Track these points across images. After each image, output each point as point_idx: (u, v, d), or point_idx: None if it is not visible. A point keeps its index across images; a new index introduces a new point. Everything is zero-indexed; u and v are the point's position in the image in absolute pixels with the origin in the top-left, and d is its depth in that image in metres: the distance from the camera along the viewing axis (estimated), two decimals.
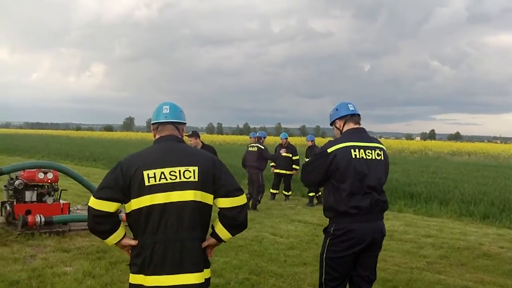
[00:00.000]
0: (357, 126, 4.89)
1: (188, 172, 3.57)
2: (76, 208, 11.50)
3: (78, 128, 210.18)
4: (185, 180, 3.54)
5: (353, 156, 4.57)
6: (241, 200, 3.68)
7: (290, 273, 7.51)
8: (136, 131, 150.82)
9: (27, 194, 9.88)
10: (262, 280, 7.17)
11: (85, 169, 25.49)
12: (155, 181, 3.51)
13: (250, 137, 15.97)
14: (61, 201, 10.32)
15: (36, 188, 9.99)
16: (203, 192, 3.59)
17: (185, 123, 3.95)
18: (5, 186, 10.25)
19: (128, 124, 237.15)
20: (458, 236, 11.08)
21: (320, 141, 66.49)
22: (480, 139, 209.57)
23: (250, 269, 7.63)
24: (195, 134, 10.61)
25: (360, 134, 4.82)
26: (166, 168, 3.56)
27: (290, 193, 16.42)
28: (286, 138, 16.57)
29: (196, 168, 3.59)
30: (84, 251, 8.34)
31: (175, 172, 3.56)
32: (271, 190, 16.53)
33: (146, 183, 3.51)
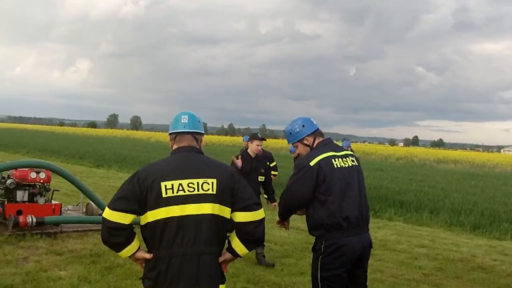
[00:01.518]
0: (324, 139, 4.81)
1: (206, 184, 3.48)
2: (67, 209, 11.35)
3: (62, 123, 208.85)
4: (203, 192, 3.45)
5: (335, 166, 4.48)
6: (259, 214, 3.58)
7: (289, 283, 7.43)
8: (120, 129, 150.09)
9: (18, 193, 9.69)
10: None
11: (71, 167, 25.19)
12: (173, 193, 3.41)
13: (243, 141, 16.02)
14: (53, 202, 10.14)
15: (27, 188, 9.81)
16: (221, 206, 3.49)
17: (204, 134, 3.87)
18: None
19: (112, 121, 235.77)
20: (450, 247, 11.07)
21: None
22: (463, 146, 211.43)
23: (247, 278, 7.54)
24: (256, 137, 8.99)
25: (332, 145, 4.76)
26: (184, 180, 3.46)
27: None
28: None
29: (214, 181, 3.50)
30: (77, 254, 8.20)
31: (193, 184, 3.46)
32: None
33: (164, 195, 3.40)
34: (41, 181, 9.86)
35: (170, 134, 3.80)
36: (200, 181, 3.48)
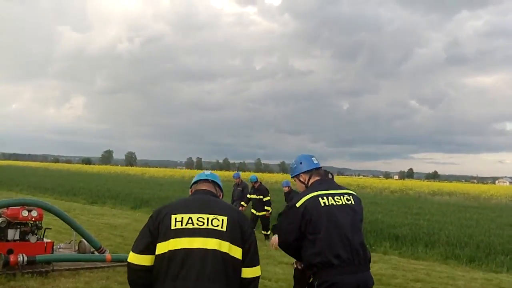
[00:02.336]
0: (321, 178, 4.81)
1: (216, 220, 3.53)
2: (59, 247, 11.24)
3: (56, 160, 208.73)
4: (212, 227, 3.50)
5: (322, 204, 4.45)
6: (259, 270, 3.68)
7: None
8: (115, 165, 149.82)
9: (9, 232, 9.61)
10: None
11: (65, 204, 25.10)
12: (181, 225, 3.49)
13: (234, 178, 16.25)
14: (45, 240, 10.05)
15: (19, 226, 9.73)
16: (231, 245, 3.49)
17: (222, 192, 4.07)
18: None
19: (107, 157, 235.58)
20: (446, 281, 10.99)
21: None
22: (458, 178, 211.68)
23: None
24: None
25: (328, 183, 4.76)
26: (195, 214, 3.54)
27: (269, 232, 16.24)
28: (256, 181, 16.88)
29: (225, 218, 3.55)
30: None
31: (203, 218, 3.52)
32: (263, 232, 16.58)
33: (172, 227, 3.48)
34: (33, 219, 9.79)
35: (191, 186, 4.01)
36: (211, 216, 3.54)
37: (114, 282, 8.95)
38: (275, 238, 4.85)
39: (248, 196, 16.93)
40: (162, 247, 3.45)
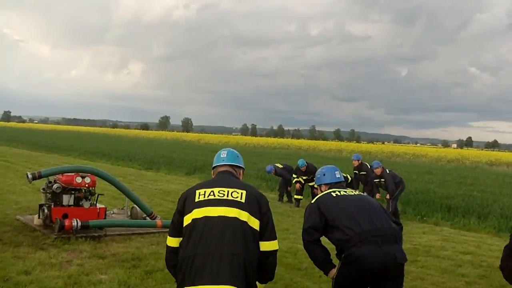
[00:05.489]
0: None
1: (235, 193, 3.81)
2: (112, 212, 11.57)
3: (115, 125, 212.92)
4: (231, 198, 3.77)
5: (334, 195, 4.87)
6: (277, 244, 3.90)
7: None
8: (171, 130, 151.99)
9: (64, 197, 9.98)
10: None
11: (121, 169, 25.73)
12: (204, 197, 3.77)
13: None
14: (98, 205, 10.38)
15: (73, 192, 10.07)
16: (250, 215, 3.71)
17: (243, 168, 4.30)
18: (43, 189, 10.35)
19: (164, 123, 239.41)
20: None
21: (356, 147, 65.46)
22: None
23: (285, 284, 7.53)
24: None
25: (342, 186, 5.18)
26: (216, 188, 3.85)
27: None
28: (305, 165, 16.88)
29: (244, 192, 3.82)
30: (119, 258, 8.35)
31: (224, 191, 3.81)
32: (295, 196, 16.75)
33: (196, 200, 3.79)
34: (86, 185, 10.11)
35: (212, 169, 4.27)
36: (231, 190, 3.83)
37: (164, 248, 9.15)
38: None
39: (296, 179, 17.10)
40: (187, 219, 3.72)
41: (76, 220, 9.35)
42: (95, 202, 10.40)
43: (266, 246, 3.76)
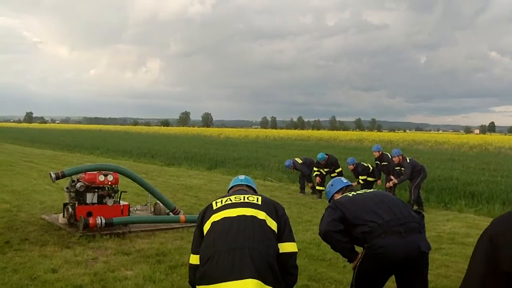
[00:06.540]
0: None
1: (251, 197, 4.03)
2: (135, 209, 11.67)
3: (136, 122, 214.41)
4: (248, 201, 3.94)
5: (350, 195, 5.00)
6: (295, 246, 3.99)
7: (350, 280, 7.35)
8: (192, 126, 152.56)
9: (88, 196, 10.08)
10: (322, 286, 7.09)
11: (143, 166, 25.87)
12: (221, 204, 3.95)
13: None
14: (121, 203, 10.47)
15: (96, 190, 10.17)
16: (267, 215, 3.83)
17: (257, 192, 4.57)
18: (67, 188, 10.46)
19: (184, 119, 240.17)
20: None
21: (378, 136, 64.99)
22: None
23: (309, 275, 7.54)
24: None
25: (352, 189, 5.31)
26: (232, 196, 4.09)
27: None
28: (324, 158, 16.86)
29: (259, 197, 4.06)
30: (144, 254, 8.42)
31: (240, 197, 4.04)
32: (318, 187, 16.74)
33: (214, 208, 3.97)
34: (109, 183, 10.20)
35: (228, 191, 4.52)
36: (246, 195, 4.08)
37: (188, 243, 9.19)
38: None
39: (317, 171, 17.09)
40: (206, 226, 3.85)
41: (100, 218, 9.44)
42: (118, 200, 10.50)
43: (285, 247, 3.81)
